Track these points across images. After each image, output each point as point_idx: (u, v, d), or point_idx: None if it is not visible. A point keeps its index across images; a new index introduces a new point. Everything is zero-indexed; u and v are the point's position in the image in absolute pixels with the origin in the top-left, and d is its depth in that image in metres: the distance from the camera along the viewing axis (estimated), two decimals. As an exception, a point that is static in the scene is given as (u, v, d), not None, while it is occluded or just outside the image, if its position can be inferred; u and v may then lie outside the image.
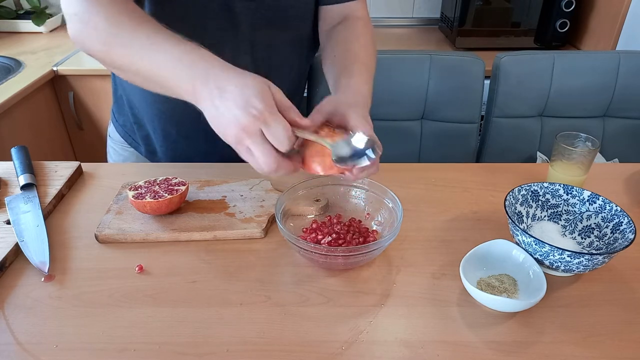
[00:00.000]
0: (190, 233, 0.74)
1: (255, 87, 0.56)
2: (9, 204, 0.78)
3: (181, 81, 0.60)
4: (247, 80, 0.57)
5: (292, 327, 0.60)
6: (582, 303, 0.64)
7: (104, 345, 0.57)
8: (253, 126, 0.55)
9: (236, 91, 0.56)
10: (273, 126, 0.56)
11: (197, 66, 0.59)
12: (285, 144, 0.57)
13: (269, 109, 0.56)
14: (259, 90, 0.56)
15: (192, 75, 0.59)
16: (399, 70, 1.34)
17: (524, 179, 0.90)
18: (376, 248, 0.65)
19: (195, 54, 0.60)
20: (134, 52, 0.62)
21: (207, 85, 0.58)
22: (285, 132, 0.56)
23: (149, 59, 0.61)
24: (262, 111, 0.55)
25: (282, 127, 0.56)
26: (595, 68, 1.36)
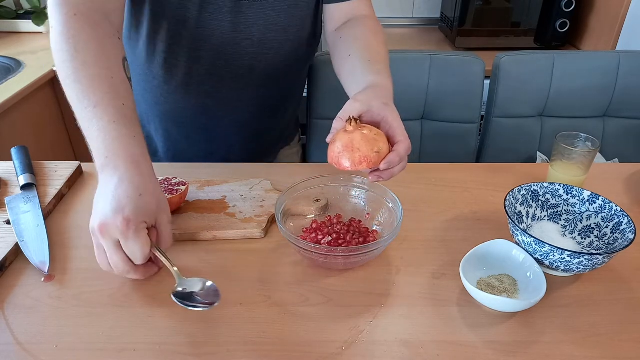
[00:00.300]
0: (190, 233, 0.74)
1: (144, 199, 0.58)
2: (9, 204, 0.78)
3: (98, 149, 0.61)
4: (147, 188, 0.59)
5: (292, 327, 0.60)
6: (582, 303, 0.64)
7: (104, 345, 0.57)
8: (114, 232, 0.57)
9: (126, 191, 0.57)
10: (130, 243, 0.58)
11: (120, 144, 0.61)
12: (137, 260, 0.60)
13: (135, 227, 0.57)
14: (142, 207, 0.58)
15: (109, 151, 0.60)
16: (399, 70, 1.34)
17: (524, 179, 0.90)
18: (376, 248, 0.65)
19: (128, 135, 0.61)
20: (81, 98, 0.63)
21: (112, 167, 0.59)
22: (141, 252, 0.59)
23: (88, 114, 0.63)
24: (128, 225, 0.56)
25: (139, 247, 0.58)
26: (595, 68, 1.36)
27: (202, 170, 0.91)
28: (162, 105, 0.93)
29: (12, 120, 1.55)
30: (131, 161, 0.60)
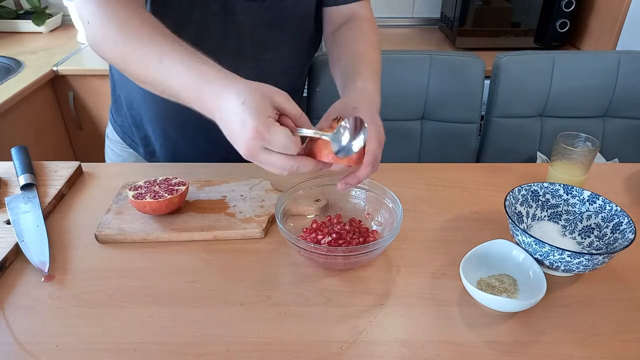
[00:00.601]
0: (190, 233, 0.74)
1: (250, 104, 0.57)
2: (9, 204, 0.78)
3: (189, 94, 0.61)
4: (246, 96, 0.57)
5: (292, 327, 0.60)
6: (582, 303, 0.64)
7: (104, 345, 0.57)
8: (255, 145, 0.57)
9: (234, 111, 0.57)
10: (272, 139, 0.56)
11: (202, 79, 0.60)
12: (290, 149, 0.57)
13: (263, 125, 0.56)
14: (254, 107, 0.57)
15: (198, 90, 0.60)
16: (399, 70, 1.34)
17: (524, 179, 0.90)
18: (376, 248, 0.65)
19: (201, 66, 0.61)
20: (145, 63, 0.64)
21: (212, 102, 0.59)
22: (286, 139, 0.57)
23: (158, 71, 0.62)
24: (257, 130, 0.56)
25: (281, 136, 0.57)
26: (595, 68, 1.36)
27: (202, 170, 0.91)
28: (161, 105, 0.93)
29: (12, 120, 1.56)
30: (221, 78, 0.60)
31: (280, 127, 0.57)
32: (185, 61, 0.61)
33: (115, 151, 1.07)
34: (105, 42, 0.67)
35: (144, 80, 0.66)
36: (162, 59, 0.62)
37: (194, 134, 0.97)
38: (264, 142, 0.57)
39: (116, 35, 0.65)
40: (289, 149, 0.57)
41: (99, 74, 1.71)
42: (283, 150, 0.57)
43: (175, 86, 0.62)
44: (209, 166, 0.93)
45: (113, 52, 0.67)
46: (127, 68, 0.67)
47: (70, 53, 1.84)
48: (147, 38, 0.64)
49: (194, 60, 0.61)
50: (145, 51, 0.63)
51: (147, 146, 1.02)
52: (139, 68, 0.65)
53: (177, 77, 0.61)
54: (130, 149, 1.05)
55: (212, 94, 0.59)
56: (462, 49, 1.94)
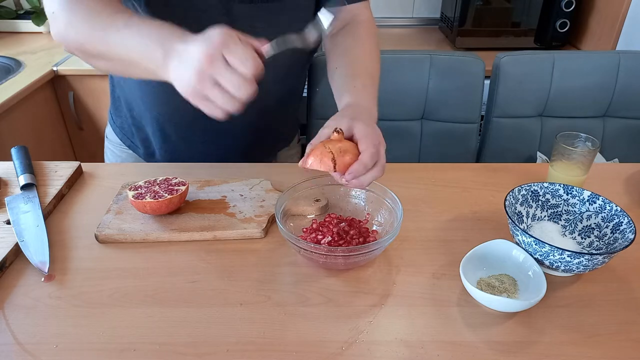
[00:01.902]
0: (190, 233, 0.74)
1: (216, 30, 0.57)
2: (9, 204, 0.78)
3: (152, 54, 0.60)
4: (209, 32, 0.57)
5: (292, 327, 0.60)
6: (582, 303, 0.64)
7: (104, 345, 0.57)
8: (215, 52, 0.55)
9: (199, 38, 0.57)
10: (233, 48, 0.55)
11: (165, 37, 0.60)
12: (250, 64, 0.56)
13: (229, 36, 0.56)
14: (219, 28, 0.57)
15: (161, 45, 0.60)
16: (399, 70, 1.34)
17: (524, 179, 0.90)
18: (376, 248, 0.65)
19: (165, 28, 0.62)
20: (111, 37, 0.64)
21: (173, 47, 0.59)
22: (249, 52, 0.56)
23: (122, 40, 0.63)
24: (222, 37, 0.55)
25: (243, 47, 0.55)
26: (595, 68, 1.36)
27: (202, 170, 0.91)
28: (159, 106, 0.93)
29: (12, 120, 1.56)
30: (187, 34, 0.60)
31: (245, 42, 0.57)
32: (147, 21, 0.62)
33: (115, 152, 1.07)
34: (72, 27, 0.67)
35: (108, 55, 0.66)
36: (128, 24, 0.63)
37: (192, 135, 0.97)
38: (225, 50, 0.55)
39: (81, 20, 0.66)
40: (246, 64, 0.55)
41: (99, 74, 1.71)
42: (241, 63, 0.55)
43: (140, 44, 0.61)
44: (209, 166, 0.93)
45: (77, 37, 0.67)
46: (93, 47, 0.66)
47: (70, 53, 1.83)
48: (113, 14, 0.65)
49: (154, 22, 0.62)
50: (105, 24, 0.64)
51: (147, 147, 1.02)
52: (101, 44, 0.65)
53: (142, 37, 0.61)
54: (130, 150, 1.05)
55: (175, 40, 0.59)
56: (462, 49, 1.94)
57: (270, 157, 1.11)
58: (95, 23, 0.65)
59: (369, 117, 0.73)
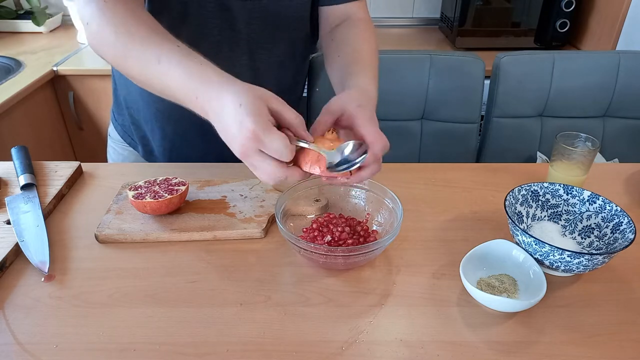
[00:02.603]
0: (190, 233, 0.74)
1: (248, 106, 0.57)
2: (9, 204, 0.78)
3: (186, 93, 0.61)
4: (243, 98, 0.58)
5: (292, 327, 0.60)
6: (582, 303, 0.64)
7: (104, 345, 0.57)
8: (251, 146, 0.57)
9: (231, 113, 0.57)
10: (268, 143, 0.56)
11: (199, 79, 0.61)
12: (285, 156, 0.57)
13: (261, 128, 0.56)
14: (251, 109, 0.57)
15: (195, 90, 0.60)
16: (399, 70, 1.34)
17: (524, 179, 0.90)
18: (376, 248, 0.65)
19: (198, 66, 0.61)
20: (143, 64, 0.64)
21: (208, 102, 0.60)
22: (282, 145, 0.57)
23: (156, 71, 0.63)
24: (255, 132, 0.56)
25: (277, 141, 0.57)
26: (595, 68, 1.36)
27: (202, 170, 0.91)
28: (159, 103, 0.93)
29: (12, 120, 1.56)
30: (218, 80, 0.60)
31: (277, 132, 0.57)
32: (183, 61, 0.62)
33: (117, 150, 1.08)
34: (104, 43, 0.67)
35: (143, 81, 0.67)
36: (160, 59, 0.62)
37: (192, 132, 0.97)
38: (259, 144, 0.56)
39: (115, 36, 0.66)
40: (282, 155, 0.57)
41: (99, 74, 1.71)
42: (277, 155, 0.57)
43: (172, 86, 0.62)
44: (209, 166, 0.93)
45: (112, 53, 0.67)
46: (127, 69, 0.67)
47: (70, 53, 1.84)
48: (146, 38, 0.65)
49: (192, 61, 0.62)
50: (143, 51, 0.64)
51: (146, 145, 1.02)
52: (138, 68, 0.65)
53: (175, 77, 0.61)
54: (131, 147, 1.05)
55: (209, 95, 0.59)
56: (462, 49, 1.94)
57: None
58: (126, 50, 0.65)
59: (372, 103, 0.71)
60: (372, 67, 0.81)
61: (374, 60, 0.83)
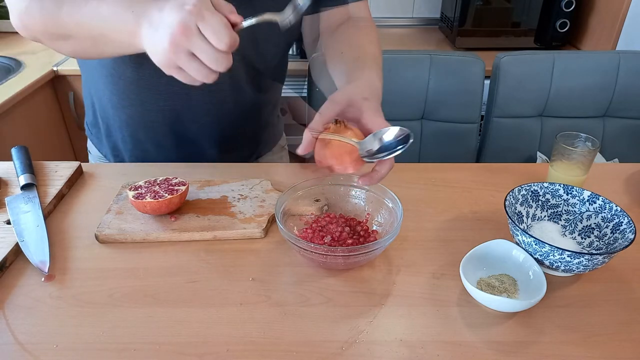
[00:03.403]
0: (190, 233, 0.74)
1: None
2: (9, 204, 0.78)
3: (124, 21, 0.59)
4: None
5: (292, 327, 0.60)
6: (582, 303, 0.64)
7: (104, 345, 0.57)
8: (190, 22, 0.53)
9: (173, 3, 0.55)
10: (208, 18, 0.54)
11: (136, 2, 0.59)
12: (224, 38, 0.54)
13: (204, 4, 0.54)
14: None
15: (131, 10, 0.58)
16: (399, 70, 1.35)
17: (524, 179, 0.90)
18: (376, 248, 0.65)
19: None
20: (78, 10, 0.63)
21: (146, 12, 0.57)
22: (223, 24, 0.54)
23: (90, 11, 0.62)
24: (196, 5, 0.53)
25: (218, 19, 0.54)
26: (595, 68, 1.36)
27: (202, 170, 0.91)
28: (129, 108, 0.90)
29: (12, 120, 1.56)
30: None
31: (220, 14, 0.55)
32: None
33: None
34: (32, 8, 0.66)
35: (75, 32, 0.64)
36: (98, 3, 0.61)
37: (164, 139, 0.95)
38: (200, 20, 0.53)
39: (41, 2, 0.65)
40: (220, 38, 0.54)
41: (99, 74, 1.71)
42: (215, 37, 0.54)
43: (106, 15, 0.60)
44: (209, 166, 0.93)
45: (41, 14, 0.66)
46: (55, 29, 0.65)
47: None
48: None
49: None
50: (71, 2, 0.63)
51: (116, 156, 1.00)
52: (68, 20, 0.64)
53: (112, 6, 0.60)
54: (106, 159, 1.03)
55: (152, 4, 0.57)
56: (462, 49, 1.94)
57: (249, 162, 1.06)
58: (59, 2, 0.64)
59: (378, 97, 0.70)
60: (377, 63, 0.80)
61: (378, 58, 0.82)
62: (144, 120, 0.92)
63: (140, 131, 0.94)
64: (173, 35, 0.54)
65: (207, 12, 0.54)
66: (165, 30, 0.54)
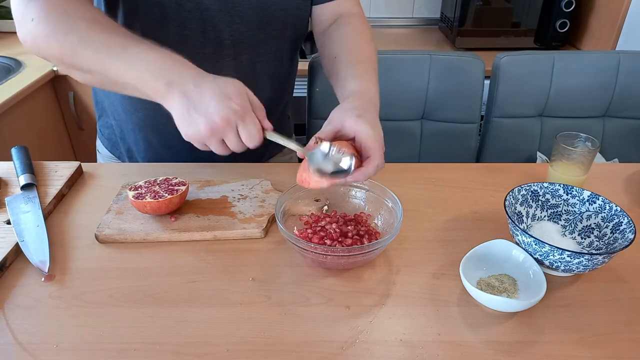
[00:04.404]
0: (190, 233, 0.74)
1: (234, 84, 0.60)
2: (9, 204, 0.78)
3: (154, 83, 0.61)
4: (225, 79, 0.60)
5: (292, 327, 0.60)
6: (582, 303, 0.64)
7: (104, 345, 0.57)
8: (233, 119, 0.58)
9: (215, 87, 0.59)
10: (248, 123, 0.59)
11: (169, 68, 0.61)
12: (255, 141, 0.60)
13: (246, 106, 0.59)
14: (237, 88, 0.60)
15: (165, 76, 0.61)
16: (399, 70, 1.35)
17: (524, 179, 0.90)
18: (376, 248, 0.65)
19: (167, 57, 0.62)
20: (105, 59, 0.63)
21: (182, 84, 0.60)
22: (257, 130, 0.60)
23: (120, 64, 0.62)
24: (242, 106, 0.58)
25: (254, 124, 0.60)
26: (595, 68, 1.36)
27: (202, 170, 0.91)
28: (140, 112, 0.91)
29: (12, 120, 1.56)
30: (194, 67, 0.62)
31: (256, 117, 0.60)
32: (154, 48, 0.62)
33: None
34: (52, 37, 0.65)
35: (97, 72, 0.65)
36: (125, 46, 0.62)
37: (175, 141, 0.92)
38: (240, 121, 0.59)
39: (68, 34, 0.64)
40: (253, 141, 0.60)
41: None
42: (248, 138, 0.60)
43: (140, 71, 0.61)
44: (209, 166, 0.93)
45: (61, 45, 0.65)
46: (75, 64, 0.65)
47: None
48: (100, 33, 0.64)
49: (161, 49, 0.62)
50: (99, 44, 0.63)
51: (131, 158, 1.00)
52: (93, 63, 0.64)
53: (144, 63, 0.61)
54: (119, 160, 1.03)
55: (187, 75, 0.60)
56: (462, 49, 1.94)
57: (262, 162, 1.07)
58: (85, 40, 0.63)
59: (373, 108, 0.72)
60: (370, 65, 0.80)
61: (371, 58, 0.82)
62: (154, 122, 0.92)
63: (151, 133, 0.94)
64: (213, 125, 0.58)
65: (248, 116, 0.59)
66: (206, 118, 0.59)
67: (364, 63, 0.80)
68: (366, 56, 0.81)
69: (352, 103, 0.71)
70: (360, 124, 0.66)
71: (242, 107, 0.59)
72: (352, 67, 0.79)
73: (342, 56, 0.82)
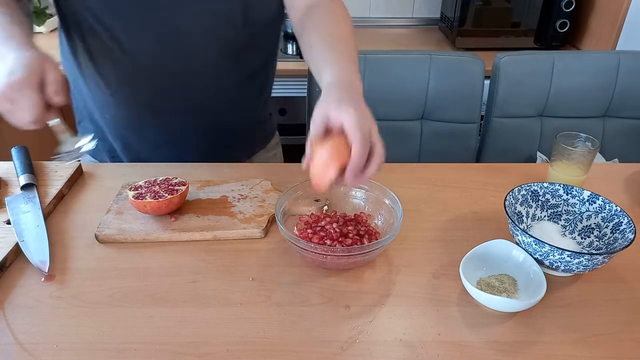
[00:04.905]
0: (190, 233, 0.74)
1: (29, 59, 0.63)
2: (9, 204, 0.78)
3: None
4: (31, 54, 0.64)
5: (292, 327, 0.60)
6: (582, 303, 0.64)
7: (104, 345, 0.57)
8: (8, 92, 0.62)
9: (9, 63, 0.63)
10: (21, 97, 0.62)
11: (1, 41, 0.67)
12: (31, 116, 0.65)
13: (25, 81, 0.62)
14: (30, 62, 0.63)
15: None
16: (399, 70, 1.35)
17: (524, 179, 0.90)
18: (376, 248, 0.65)
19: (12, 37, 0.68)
20: None
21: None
22: (33, 105, 0.63)
23: None
24: (20, 81, 0.61)
25: (29, 99, 0.63)
26: (595, 68, 1.36)
27: (202, 170, 0.91)
28: (111, 110, 0.91)
29: (12, 120, 1.55)
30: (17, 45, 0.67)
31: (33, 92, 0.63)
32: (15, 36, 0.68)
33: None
34: None
35: None
36: None
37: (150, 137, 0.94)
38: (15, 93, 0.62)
39: None
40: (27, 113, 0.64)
41: (99, 74, 1.71)
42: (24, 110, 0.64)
43: None
44: (209, 166, 0.93)
45: None
46: None
47: None
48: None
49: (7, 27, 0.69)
50: None
51: (113, 157, 1.00)
52: None
53: None
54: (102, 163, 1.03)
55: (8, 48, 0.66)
56: (462, 49, 1.94)
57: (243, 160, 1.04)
58: None
59: (354, 92, 0.67)
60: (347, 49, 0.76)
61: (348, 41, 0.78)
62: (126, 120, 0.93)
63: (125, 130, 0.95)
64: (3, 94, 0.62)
65: (25, 91, 0.62)
66: None
67: (340, 45, 0.76)
68: (341, 42, 0.78)
69: (329, 95, 0.67)
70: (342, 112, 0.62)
71: (20, 82, 0.61)
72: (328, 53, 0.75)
73: (318, 45, 0.78)
